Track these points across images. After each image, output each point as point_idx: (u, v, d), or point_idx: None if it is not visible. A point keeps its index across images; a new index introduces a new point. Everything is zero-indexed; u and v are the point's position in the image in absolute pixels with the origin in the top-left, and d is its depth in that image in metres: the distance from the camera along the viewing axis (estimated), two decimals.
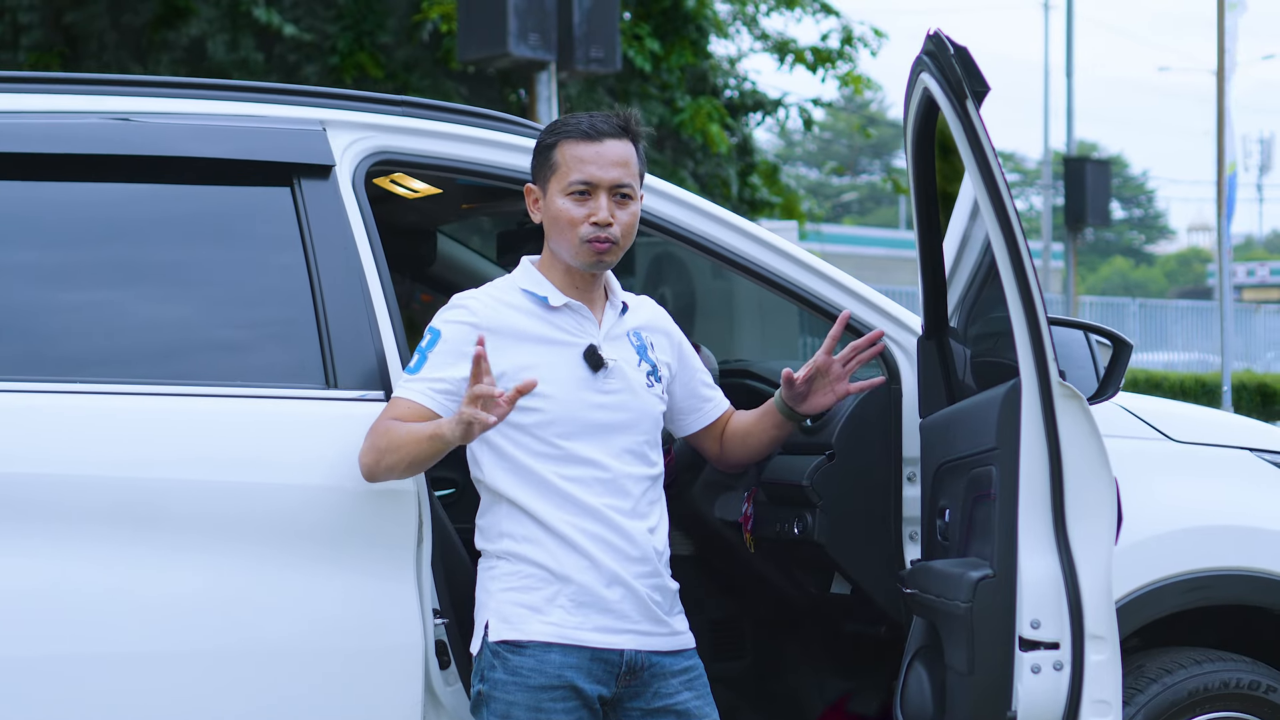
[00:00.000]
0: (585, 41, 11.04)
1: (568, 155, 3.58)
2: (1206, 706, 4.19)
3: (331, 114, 3.90)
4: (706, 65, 16.94)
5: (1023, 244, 3.55)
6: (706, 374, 3.93)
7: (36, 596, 3.43)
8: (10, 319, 3.59)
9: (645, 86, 15.95)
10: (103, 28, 14.23)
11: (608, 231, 3.56)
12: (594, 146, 3.57)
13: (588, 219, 3.55)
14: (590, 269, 3.60)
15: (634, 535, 3.57)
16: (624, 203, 3.59)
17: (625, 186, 3.58)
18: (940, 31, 3.55)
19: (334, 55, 14.58)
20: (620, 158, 3.58)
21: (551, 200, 3.60)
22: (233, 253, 3.79)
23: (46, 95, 3.79)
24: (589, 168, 3.56)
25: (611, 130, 3.58)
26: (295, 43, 14.61)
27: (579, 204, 3.56)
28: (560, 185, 3.58)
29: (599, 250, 3.56)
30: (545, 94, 11.13)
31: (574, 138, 3.58)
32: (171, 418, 3.58)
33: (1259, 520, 4.34)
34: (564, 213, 3.57)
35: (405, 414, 3.51)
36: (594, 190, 3.56)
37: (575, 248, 3.57)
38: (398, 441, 3.47)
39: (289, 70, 14.90)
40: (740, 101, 17.64)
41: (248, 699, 3.54)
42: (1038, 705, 3.55)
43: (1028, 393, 3.55)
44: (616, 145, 3.58)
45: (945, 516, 3.90)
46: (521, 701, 3.47)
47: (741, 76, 17.98)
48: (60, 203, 3.71)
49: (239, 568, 3.54)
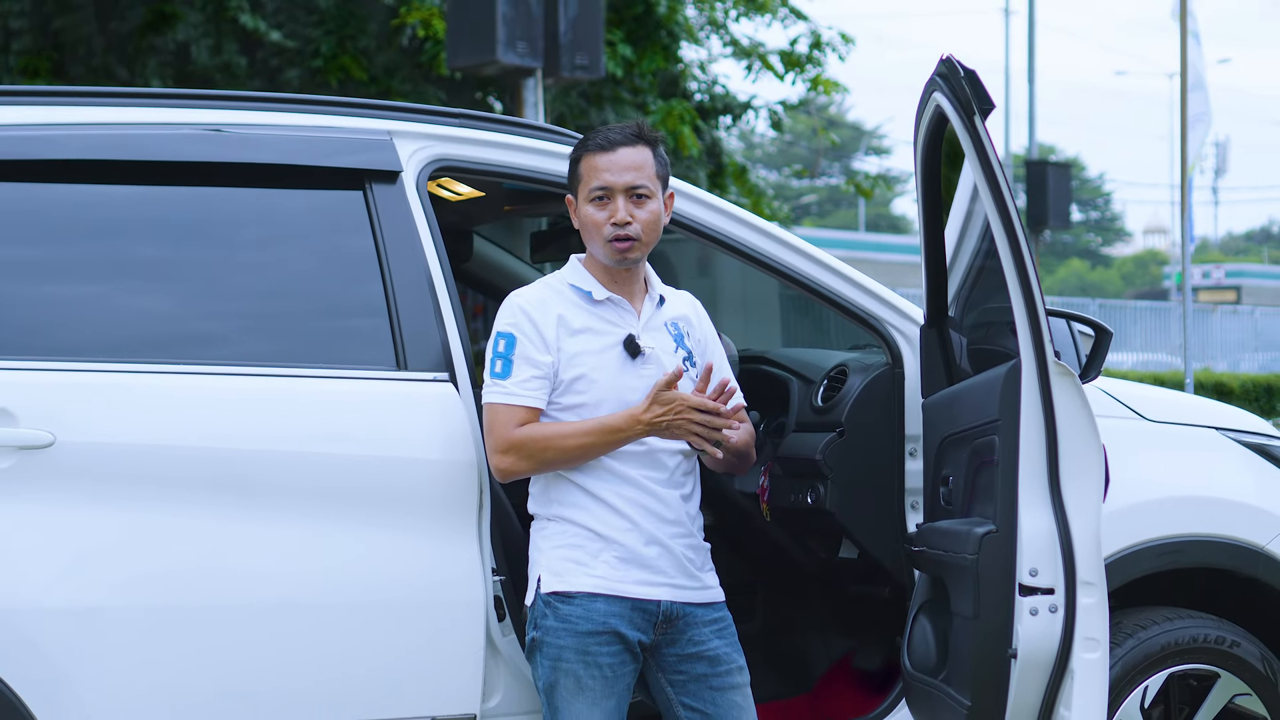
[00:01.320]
0: (570, 49, 11.41)
1: (588, 166, 4.06)
2: (1177, 659, 4.65)
3: (397, 125, 4.37)
4: (678, 70, 17.31)
5: (1023, 238, 4.03)
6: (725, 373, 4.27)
7: (156, 555, 3.89)
8: (129, 309, 4.06)
9: (618, 91, 16.28)
10: (90, 33, 14.48)
11: (627, 229, 4.02)
12: (609, 156, 4.04)
13: (609, 220, 4.03)
14: (618, 265, 4.06)
15: (669, 501, 4.04)
16: (641, 202, 4.05)
17: (640, 188, 4.04)
18: (952, 57, 4.05)
19: (317, 59, 14.90)
20: (633, 163, 4.04)
21: (581, 207, 4.08)
22: (314, 250, 4.25)
23: (146, 109, 4.24)
24: (605, 175, 4.03)
25: (624, 139, 4.05)
26: (278, 48, 14.93)
27: (600, 208, 4.04)
28: (584, 193, 4.06)
29: (622, 248, 4.03)
30: (531, 99, 11.52)
31: (592, 150, 4.06)
32: (264, 397, 4.04)
33: (1224, 492, 4.83)
34: (589, 217, 4.06)
35: (524, 419, 3.96)
36: (611, 194, 4.03)
37: (603, 247, 4.05)
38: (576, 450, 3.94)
39: (271, 74, 15.23)
40: (710, 105, 18.00)
41: (334, 645, 4.00)
42: (1035, 644, 4.02)
43: (1027, 371, 4.03)
44: (629, 152, 4.05)
45: (948, 484, 4.39)
46: (571, 645, 3.94)
47: (711, 80, 18.33)
48: (164, 205, 4.17)
49: (324, 530, 4.00)
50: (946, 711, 4.23)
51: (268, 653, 3.95)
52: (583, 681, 3.93)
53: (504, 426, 3.97)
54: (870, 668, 5.16)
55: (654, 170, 4.08)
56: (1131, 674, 4.60)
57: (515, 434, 3.96)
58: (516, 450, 3.95)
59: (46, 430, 3.82)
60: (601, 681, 3.94)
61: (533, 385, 3.99)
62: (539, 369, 3.99)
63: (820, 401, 4.92)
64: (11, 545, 3.79)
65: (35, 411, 3.84)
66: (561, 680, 3.94)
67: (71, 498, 3.83)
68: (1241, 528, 4.79)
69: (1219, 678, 4.69)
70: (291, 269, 4.23)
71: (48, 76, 14.38)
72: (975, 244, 4.42)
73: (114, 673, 3.83)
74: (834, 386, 4.93)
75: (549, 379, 4.00)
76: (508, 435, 3.96)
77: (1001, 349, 4.24)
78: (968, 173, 4.30)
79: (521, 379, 3.98)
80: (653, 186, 4.07)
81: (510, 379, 3.99)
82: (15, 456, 3.81)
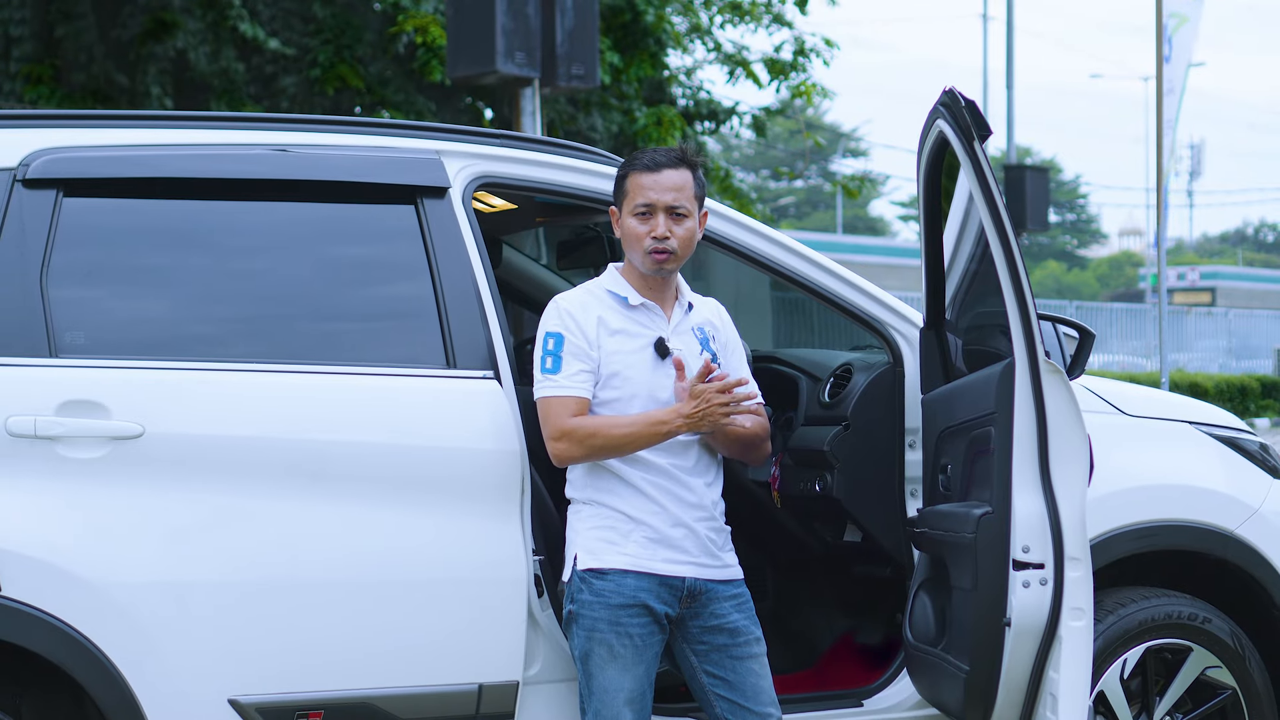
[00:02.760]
0: (567, 59, 11.78)
1: (634, 184, 4.50)
2: (1153, 634, 5.04)
3: (444, 144, 4.80)
4: (664, 76, 17.61)
5: (1016, 249, 4.47)
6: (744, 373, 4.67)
7: (236, 535, 4.31)
8: (210, 312, 4.50)
9: (605, 97, 16.60)
10: (91, 41, 14.74)
11: (665, 244, 4.47)
12: (653, 176, 4.48)
13: (649, 234, 4.47)
14: (655, 274, 4.51)
15: (694, 487, 4.47)
16: (679, 220, 4.49)
17: (680, 208, 4.48)
18: (955, 89, 4.51)
19: (314, 69, 15.20)
20: (675, 184, 4.48)
21: (624, 220, 4.52)
22: (372, 259, 4.67)
23: (216, 131, 4.67)
24: (649, 193, 4.47)
25: (669, 162, 4.50)
26: (274, 55, 15.21)
27: (643, 222, 4.48)
28: (629, 208, 4.51)
29: (659, 260, 4.48)
30: (530, 108, 11.92)
31: (638, 170, 4.50)
32: (331, 393, 4.46)
33: (1196, 480, 5.24)
34: (632, 230, 4.50)
35: (576, 409, 4.39)
36: (653, 211, 4.48)
37: (642, 257, 4.49)
38: (624, 440, 4.36)
39: (267, 81, 15.53)
40: (695, 110, 18.31)
41: (394, 618, 4.42)
42: (1027, 613, 4.45)
43: (1020, 368, 4.46)
44: (673, 174, 4.49)
45: (947, 471, 4.82)
46: (604, 617, 4.37)
47: (696, 86, 18.62)
48: (239, 218, 4.60)
49: (384, 513, 4.42)
50: (946, 678, 4.65)
51: (335, 624, 4.36)
52: (615, 650, 4.34)
53: (558, 416, 4.40)
54: (871, 643, 5.59)
55: (693, 191, 4.51)
56: (1112, 647, 4.97)
57: (569, 423, 4.38)
58: (568, 437, 4.38)
59: (136, 422, 4.25)
60: (632, 650, 4.36)
61: (581, 378, 4.42)
62: (586, 363, 4.42)
63: (827, 397, 5.36)
64: (106, 526, 4.21)
65: (126, 405, 4.25)
66: (595, 649, 4.36)
67: (159, 483, 4.25)
68: (1212, 513, 5.18)
69: (1192, 651, 5.06)
70: (352, 277, 4.66)
71: (49, 84, 14.58)
72: (969, 255, 4.85)
73: (196, 640, 4.24)
74: (840, 384, 5.36)
75: (594, 373, 4.43)
76: (562, 424, 4.39)
77: (993, 350, 4.65)
78: (961, 190, 4.72)
79: (570, 373, 4.41)
80: (690, 206, 4.50)
81: (561, 373, 4.42)
82: (109, 446, 4.23)
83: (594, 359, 4.44)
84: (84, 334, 4.34)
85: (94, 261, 4.43)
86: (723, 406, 4.36)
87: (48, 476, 4.19)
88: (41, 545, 4.16)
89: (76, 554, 4.18)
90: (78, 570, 4.17)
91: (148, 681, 4.21)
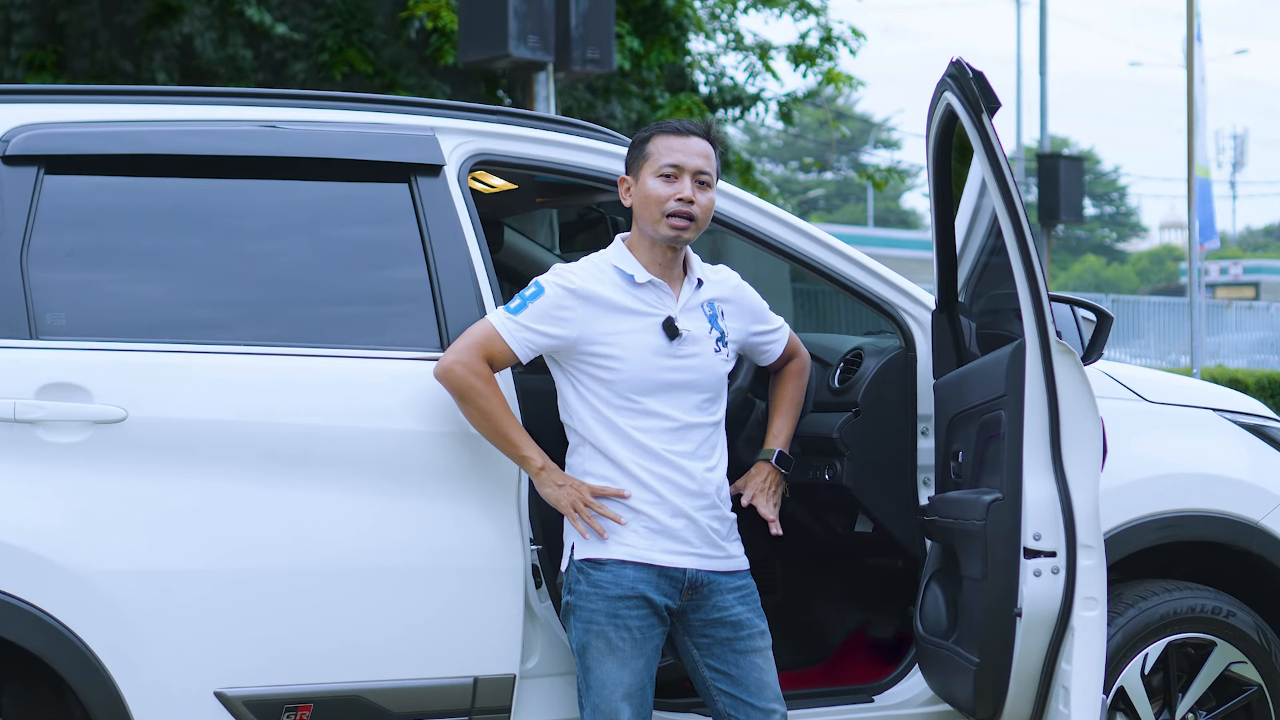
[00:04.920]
0: (582, 43, 11.81)
1: (661, 146, 4.47)
2: (1176, 628, 5.02)
3: (439, 121, 4.79)
4: (686, 63, 17.57)
5: (1027, 228, 4.44)
6: (769, 325, 4.75)
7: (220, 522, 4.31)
8: (194, 294, 4.49)
9: (625, 84, 16.57)
10: (95, 26, 14.75)
11: (689, 208, 4.43)
12: (683, 140, 4.47)
13: (673, 196, 4.43)
14: (670, 243, 4.46)
15: (695, 474, 4.44)
16: (703, 188, 4.47)
17: (705, 174, 4.47)
18: (962, 59, 4.48)
19: (323, 53, 15.20)
20: (703, 151, 4.48)
21: (643, 183, 4.47)
22: (363, 239, 4.66)
23: (205, 106, 4.66)
24: (678, 154, 4.46)
25: (698, 130, 4.50)
26: (282, 41, 15.21)
27: (668, 184, 4.45)
28: (653, 168, 4.46)
29: (678, 225, 4.43)
30: (543, 93, 11.92)
31: (667, 133, 4.49)
32: (318, 376, 4.45)
33: (1220, 468, 5.21)
34: (654, 191, 4.45)
35: (497, 353, 4.38)
36: (680, 173, 4.45)
37: (657, 223, 4.44)
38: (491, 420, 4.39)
39: (276, 68, 15.53)
40: (719, 98, 18.26)
41: (386, 608, 4.41)
42: (1039, 603, 4.43)
43: (1031, 349, 4.44)
44: (700, 143, 4.49)
45: (958, 458, 4.80)
46: (602, 609, 4.35)
47: (719, 72, 18.59)
48: (226, 196, 4.58)
49: (374, 500, 4.41)
50: (957, 670, 4.63)
51: (322, 615, 4.36)
52: (613, 643, 4.33)
53: (477, 348, 4.40)
54: (883, 638, 5.58)
55: (715, 165, 4.52)
56: (1133, 642, 4.97)
57: (477, 365, 4.38)
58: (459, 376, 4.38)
59: (119, 406, 4.25)
60: (631, 643, 4.34)
61: (527, 336, 4.40)
62: (539, 335, 4.40)
63: (837, 383, 5.35)
64: (87, 511, 4.20)
65: (108, 389, 4.25)
66: (593, 642, 4.34)
67: (142, 468, 4.25)
68: (1237, 503, 5.16)
69: (1215, 646, 5.05)
70: (343, 258, 4.65)
71: (52, 70, 14.62)
72: (983, 234, 4.82)
73: (180, 630, 4.24)
74: (850, 369, 5.34)
75: (541, 349, 4.42)
76: (472, 359, 4.39)
77: (1008, 333, 4.62)
78: (976, 168, 4.69)
79: (523, 323, 4.40)
80: (713, 178, 4.51)
81: (516, 318, 4.41)
82: (91, 430, 4.23)
83: (552, 336, 4.41)
84: (65, 316, 4.33)
85: (76, 241, 4.42)
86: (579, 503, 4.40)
87: (28, 461, 4.19)
88: (21, 532, 4.15)
89: (57, 541, 4.17)
90: (59, 558, 4.17)
91: (131, 673, 4.20)
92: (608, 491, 4.39)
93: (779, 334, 4.79)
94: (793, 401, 4.84)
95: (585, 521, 4.38)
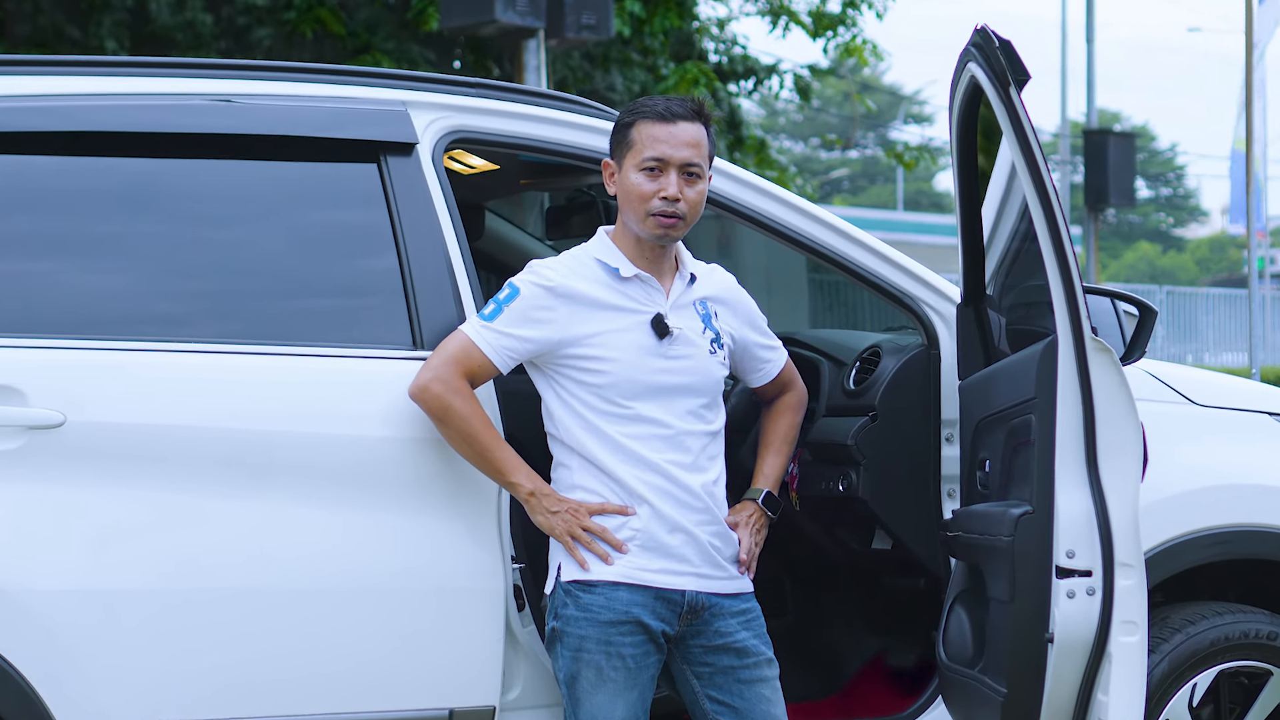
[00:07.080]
0: (576, 7, 11.83)
1: (644, 134, 4.45)
2: (1227, 655, 5.01)
3: (412, 95, 4.79)
4: (693, 28, 17.57)
5: (1059, 212, 4.43)
6: (767, 339, 4.76)
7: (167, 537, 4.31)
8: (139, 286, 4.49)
9: (626, 52, 16.58)
10: None
11: (675, 207, 4.42)
12: (668, 127, 4.44)
13: (657, 194, 4.42)
14: (656, 241, 4.47)
15: (693, 488, 4.44)
16: (692, 181, 4.46)
17: (694, 166, 4.45)
18: (987, 26, 4.48)
19: (290, 11, 15.17)
20: (692, 139, 4.45)
21: (626, 175, 4.47)
22: (327, 225, 4.67)
23: (152, 79, 4.66)
24: (662, 146, 4.43)
25: (685, 113, 4.46)
26: (246, 5, 15.23)
27: (651, 179, 4.44)
28: (635, 161, 4.45)
29: (665, 224, 4.43)
30: (534, 63, 11.94)
31: (650, 118, 4.46)
32: (276, 376, 4.46)
33: (1276, 479, 5.20)
34: (636, 187, 4.45)
35: (476, 367, 4.38)
36: (665, 167, 4.44)
37: (642, 221, 4.45)
38: (473, 443, 4.40)
39: (239, 33, 15.57)
40: (730, 68, 18.26)
41: (348, 633, 4.41)
42: (1073, 627, 4.41)
43: (1064, 346, 4.42)
44: (689, 127, 4.46)
45: (985, 467, 4.80)
46: (593, 635, 4.35)
47: (731, 40, 18.59)
48: (172, 179, 4.59)
49: (337, 513, 4.41)
50: (983, 702, 4.62)
51: (281, 639, 4.37)
52: (605, 673, 4.33)
53: (453, 363, 4.40)
54: (903, 666, 5.57)
55: (707, 150, 4.49)
56: (1179, 671, 4.95)
57: (455, 382, 4.39)
58: (436, 395, 4.39)
59: (57, 410, 4.25)
60: (624, 673, 4.34)
61: (506, 344, 4.40)
62: (519, 340, 4.41)
63: (852, 385, 5.34)
64: (21, 526, 4.22)
65: (45, 391, 4.26)
66: (583, 671, 4.35)
67: (82, 478, 4.25)
68: None
69: (1272, 675, 5.04)
70: (306, 246, 4.65)
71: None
72: (1015, 220, 4.82)
73: (123, 656, 4.24)
74: (866, 369, 5.34)
75: (522, 355, 4.42)
76: (449, 375, 4.39)
77: (1040, 328, 4.61)
78: (1005, 148, 4.70)
79: (500, 330, 4.40)
80: (704, 167, 4.48)
81: (492, 324, 4.41)
82: (25, 436, 4.23)
83: (531, 340, 4.42)
84: None
85: (11, 228, 4.43)
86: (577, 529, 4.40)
87: None
88: None
89: None
90: None
91: (67, 702, 4.21)
92: (608, 508, 4.39)
93: (777, 352, 4.78)
94: (787, 439, 4.82)
95: (585, 548, 4.38)
